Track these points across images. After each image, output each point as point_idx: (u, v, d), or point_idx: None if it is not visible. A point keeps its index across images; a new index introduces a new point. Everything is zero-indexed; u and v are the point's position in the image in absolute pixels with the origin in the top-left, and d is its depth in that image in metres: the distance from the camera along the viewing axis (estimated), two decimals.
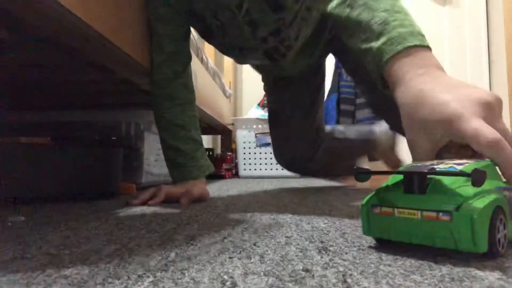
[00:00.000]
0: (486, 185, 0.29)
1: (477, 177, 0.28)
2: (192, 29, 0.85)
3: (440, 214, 0.28)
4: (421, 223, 0.29)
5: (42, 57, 0.77)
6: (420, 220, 0.29)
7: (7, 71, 0.88)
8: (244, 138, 1.98)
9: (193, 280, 0.25)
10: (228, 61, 2.44)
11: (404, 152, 2.26)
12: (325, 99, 1.15)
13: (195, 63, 1.30)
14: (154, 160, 1.17)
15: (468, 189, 0.29)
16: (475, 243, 0.27)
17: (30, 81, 0.96)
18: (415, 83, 0.43)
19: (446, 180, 0.30)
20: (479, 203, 0.27)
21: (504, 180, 0.34)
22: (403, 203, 0.30)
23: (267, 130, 1.93)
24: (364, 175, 0.35)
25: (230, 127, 2.20)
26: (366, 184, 1.21)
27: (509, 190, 0.32)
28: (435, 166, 0.31)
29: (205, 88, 1.46)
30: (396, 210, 0.31)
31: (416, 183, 0.30)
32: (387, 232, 0.32)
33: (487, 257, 0.28)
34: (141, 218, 0.51)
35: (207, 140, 2.60)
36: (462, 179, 0.30)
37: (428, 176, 0.30)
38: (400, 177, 0.32)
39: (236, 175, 2.11)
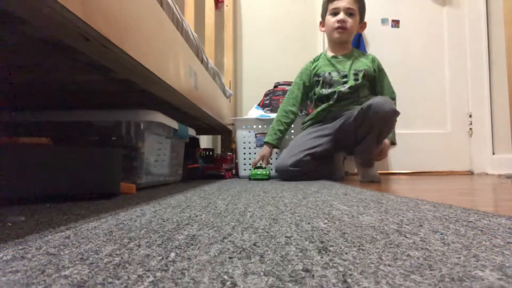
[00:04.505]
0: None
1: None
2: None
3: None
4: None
5: (42, 57, 0.77)
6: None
7: (7, 71, 0.88)
8: (244, 138, 1.98)
9: (193, 280, 0.25)
10: (228, 61, 2.44)
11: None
12: None
13: (195, 63, 1.30)
14: (154, 160, 1.17)
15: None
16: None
17: (30, 81, 0.96)
18: None
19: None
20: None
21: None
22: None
23: (267, 130, 1.93)
24: None
25: (230, 127, 2.20)
26: (374, 187, 1.23)
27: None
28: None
29: (205, 88, 1.46)
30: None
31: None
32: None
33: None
34: (141, 218, 0.51)
35: (207, 140, 2.60)
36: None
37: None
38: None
39: (236, 175, 2.11)
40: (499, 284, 0.23)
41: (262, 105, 2.16)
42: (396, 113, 1.49)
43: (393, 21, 2.50)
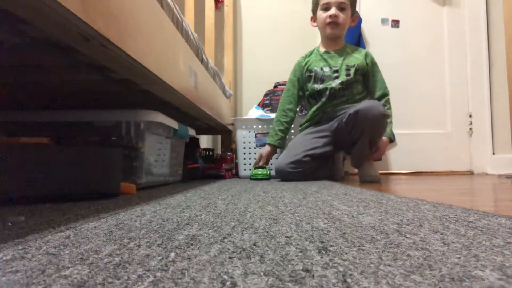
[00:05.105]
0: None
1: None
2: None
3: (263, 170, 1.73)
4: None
5: (42, 57, 0.77)
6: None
7: (7, 71, 0.88)
8: (244, 138, 1.98)
9: (193, 280, 0.25)
10: (228, 61, 2.44)
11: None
12: None
13: (195, 63, 1.30)
14: (154, 160, 1.17)
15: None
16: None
17: (30, 81, 0.96)
18: None
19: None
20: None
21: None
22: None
23: (267, 130, 1.93)
24: None
25: (230, 127, 2.20)
26: (374, 187, 1.23)
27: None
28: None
29: (205, 88, 1.46)
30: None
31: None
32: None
33: None
34: (141, 218, 0.51)
35: (207, 140, 2.60)
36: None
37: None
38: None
39: (236, 175, 2.11)
40: (499, 284, 0.23)
41: (262, 105, 2.16)
42: (384, 116, 1.48)
43: (393, 21, 2.50)
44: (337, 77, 1.69)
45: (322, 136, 1.67)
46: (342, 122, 1.56)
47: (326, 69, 1.72)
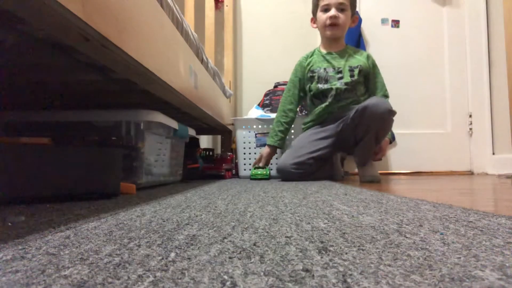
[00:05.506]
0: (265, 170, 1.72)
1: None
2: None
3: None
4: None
5: (42, 57, 0.77)
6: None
7: (7, 71, 0.88)
8: (244, 138, 1.98)
9: (193, 280, 0.25)
10: (228, 61, 2.44)
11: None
12: None
13: (195, 63, 1.30)
14: (154, 160, 1.17)
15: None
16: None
17: (30, 81, 0.96)
18: None
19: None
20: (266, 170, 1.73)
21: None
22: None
23: (267, 130, 1.93)
24: None
25: (230, 127, 2.20)
26: (374, 187, 1.23)
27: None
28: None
29: (205, 88, 1.46)
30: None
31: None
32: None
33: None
34: (141, 218, 0.51)
35: (207, 140, 2.60)
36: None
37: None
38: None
39: (236, 175, 2.11)
40: (499, 284, 0.23)
41: (262, 105, 2.16)
42: (392, 113, 1.49)
43: (393, 21, 2.50)
44: (341, 78, 1.69)
45: (326, 137, 1.67)
46: (348, 119, 1.57)
47: (330, 70, 1.72)
